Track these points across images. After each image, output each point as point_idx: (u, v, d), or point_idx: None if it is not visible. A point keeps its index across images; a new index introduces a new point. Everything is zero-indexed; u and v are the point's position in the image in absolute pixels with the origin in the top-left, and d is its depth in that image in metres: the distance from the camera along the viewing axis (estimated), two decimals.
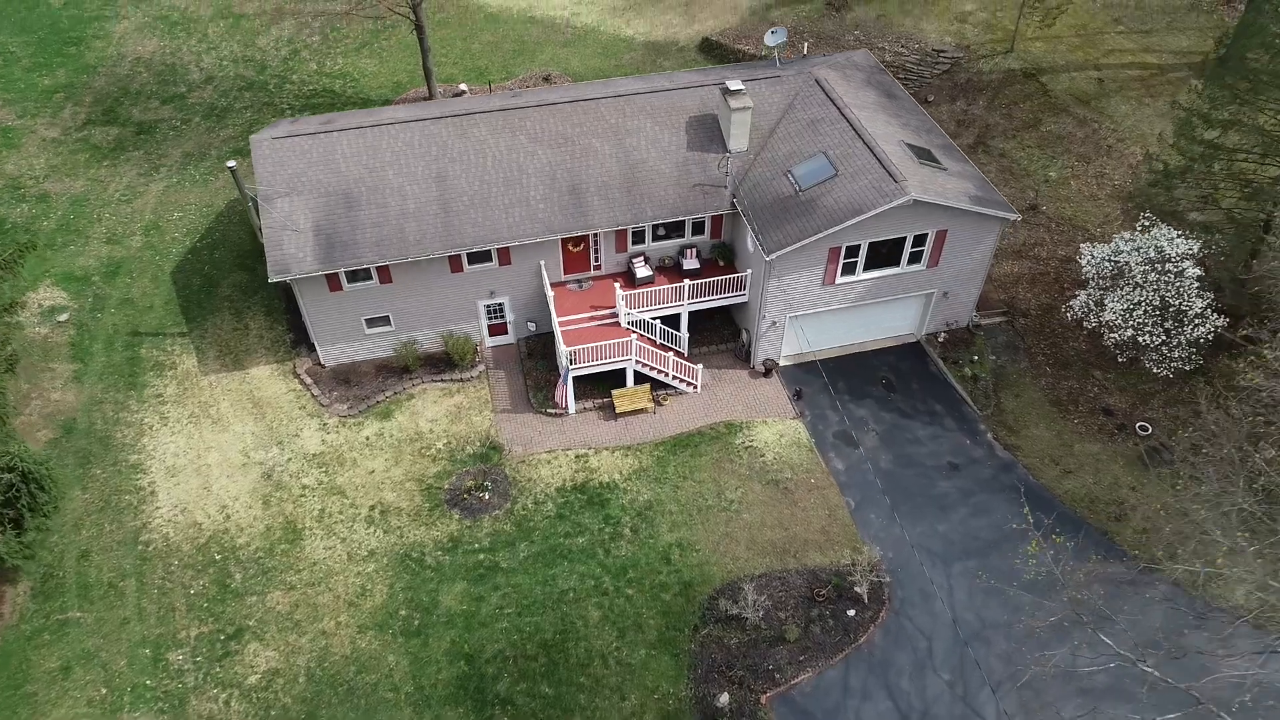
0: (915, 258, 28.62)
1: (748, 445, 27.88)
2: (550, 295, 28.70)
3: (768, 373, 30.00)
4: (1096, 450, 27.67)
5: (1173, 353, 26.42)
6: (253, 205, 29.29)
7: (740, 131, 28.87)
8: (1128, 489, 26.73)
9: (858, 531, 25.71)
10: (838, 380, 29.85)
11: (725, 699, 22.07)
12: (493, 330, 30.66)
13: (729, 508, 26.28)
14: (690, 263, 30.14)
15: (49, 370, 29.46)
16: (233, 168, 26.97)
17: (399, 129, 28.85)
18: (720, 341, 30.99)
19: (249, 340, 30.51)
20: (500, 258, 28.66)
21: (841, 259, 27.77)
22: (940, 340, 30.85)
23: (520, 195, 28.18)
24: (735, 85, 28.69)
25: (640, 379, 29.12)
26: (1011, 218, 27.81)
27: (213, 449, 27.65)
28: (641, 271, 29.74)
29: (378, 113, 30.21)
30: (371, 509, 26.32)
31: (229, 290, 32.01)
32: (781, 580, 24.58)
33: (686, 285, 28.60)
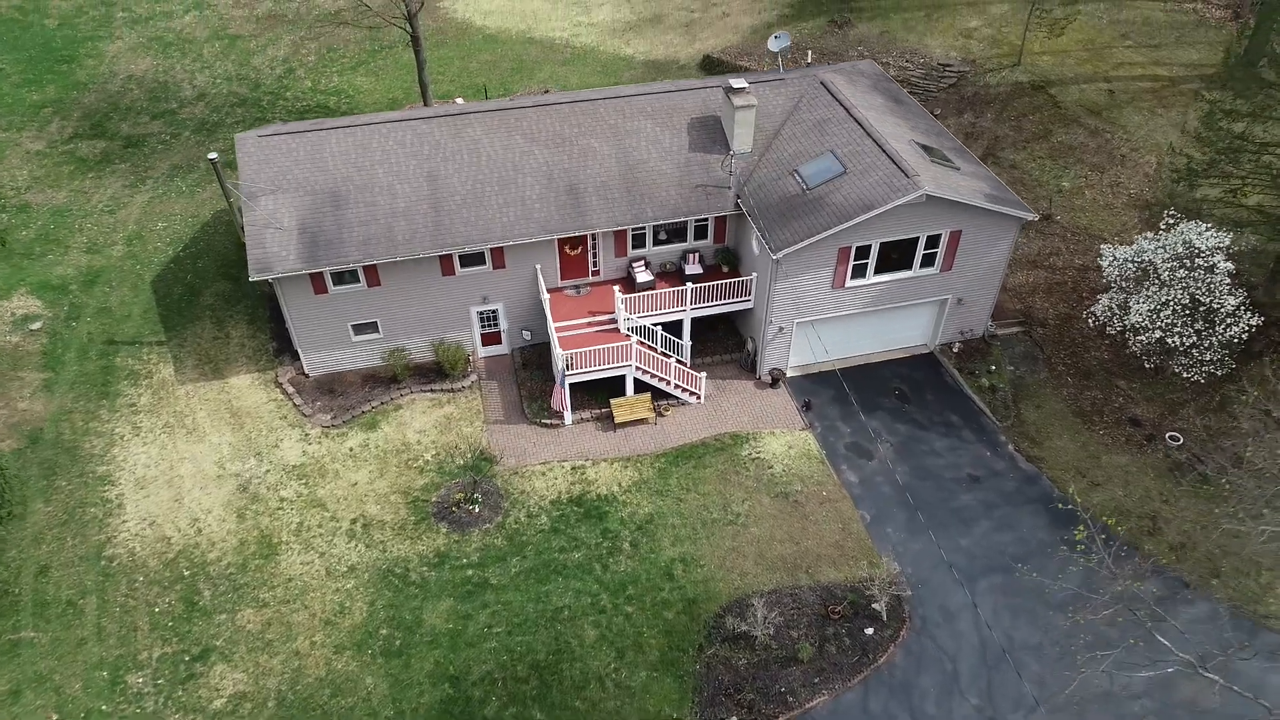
0: (928, 261, 27.34)
1: (754, 457, 26.27)
2: (545, 298, 27.35)
3: (775, 383, 28.51)
4: (1125, 462, 26.06)
5: (1204, 355, 24.97)
6: (236, 202, 28.06)
7: (744, 131, 27.81)
8: (1160, 502, 25.06)
9: (874, 546, 23.98)
10: (848, 391, 28.34)
11: None
12: (486, 339, 29.24)
13: (735, 521, 24.58)
14: (693, 268, 28.86)
15: (17, 379, 27.95)
16: (214, 160, 25.81)
17: (390, 128, 27.80)
18: (724, 352, 29.55)
19: (229, 349, 29.07)
20: (494, 260, 27.37)
21: (851, 260, 26.49)
22: (955, 351, 29.42)
23: (515, 195, 27.01)
24: (739, 83, 27.73)
25: (640, 388, 27.62)
26: (1029, 217, 26.61)
27: (186, 460, 26.02)
28: (642, 277, 28.43)
29: (370, 116, 29.20)
30: (353, 522, 24.60)
31: (211, 299, 30.67)
32: (793, 597, 22.78)
33: (689, 289, 27.27)
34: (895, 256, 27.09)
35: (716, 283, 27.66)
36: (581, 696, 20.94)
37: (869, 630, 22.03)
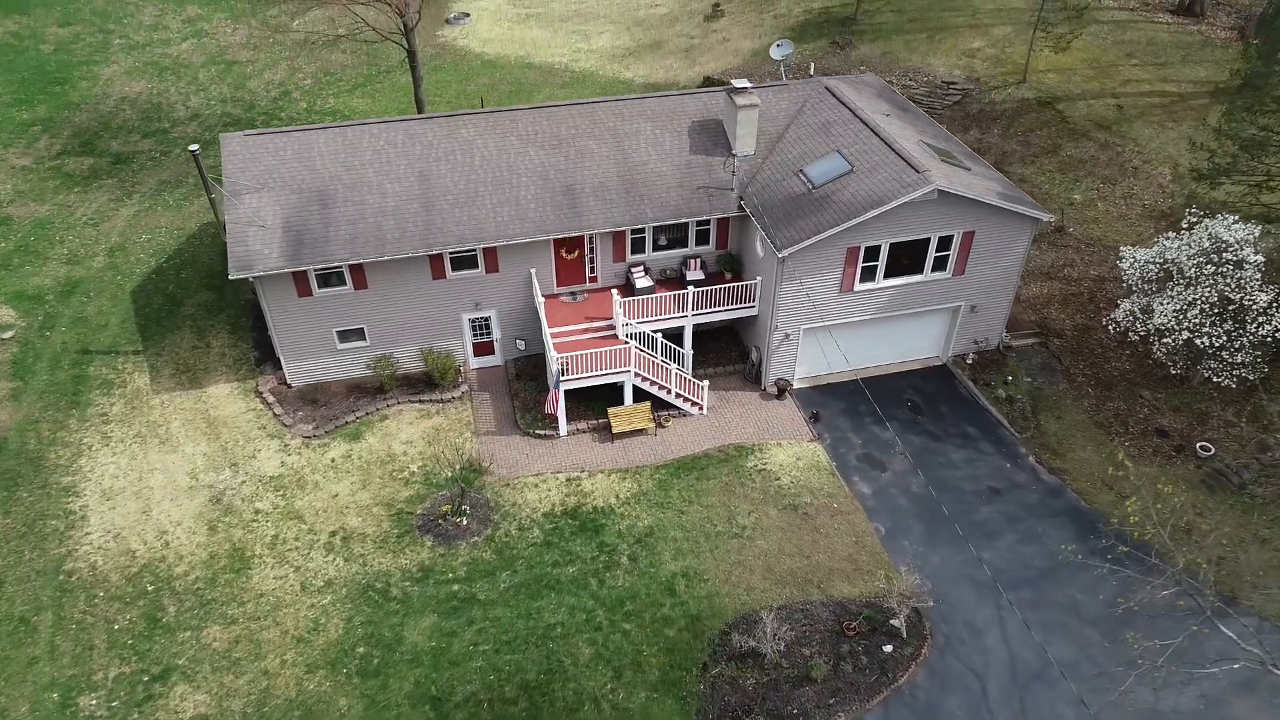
0: (940, 265, 26.19)
1: (760, 468, 24.75)
2: (540, 301, 26.12)
3: (781, 394, 27.11)
4: (1153, 474, 24.51)
5: (1234, 357, 23.63)
6: (217, 197, 26.83)
7: (747, 132, 26.90)
8: (1195, 514, 23.48)
9: (890, 559, 22.33)
10: (858, 403, 26.94)
11: None
12: (478, 350, 27.92)
13: (741, 534, 22.96)
14: (694, 274, 27.68)
15: None
16: (195, 151, 24.78)
17: (381, 128, 26.91)
18: (727, 363, 28.22)
19: (209, 358, 27.73)
20: (487, 264, 26.20)
21: (860, 262, 25.33)
22: (969, 363, 28.09)
23: (510, 195, 25.96)
24: (741, 84, 26.93)
25: (639, 397, 26.21)
26: (1044, 218, 25.55)
27: (157, 471, 24.48)
28: (641, 283, 27.24)
29: (361, 120, 28.32)
30: (332, 535, 22.98)
31: (192, 309, 29.43)
32: (804, 612, 21.06)
33: (691, 293, 26.06)
34: (905, 263, 25.98)
35: (719, 286, 26.45)
36: (575, 718, 19.11)
37: (887, 647, 20.27)
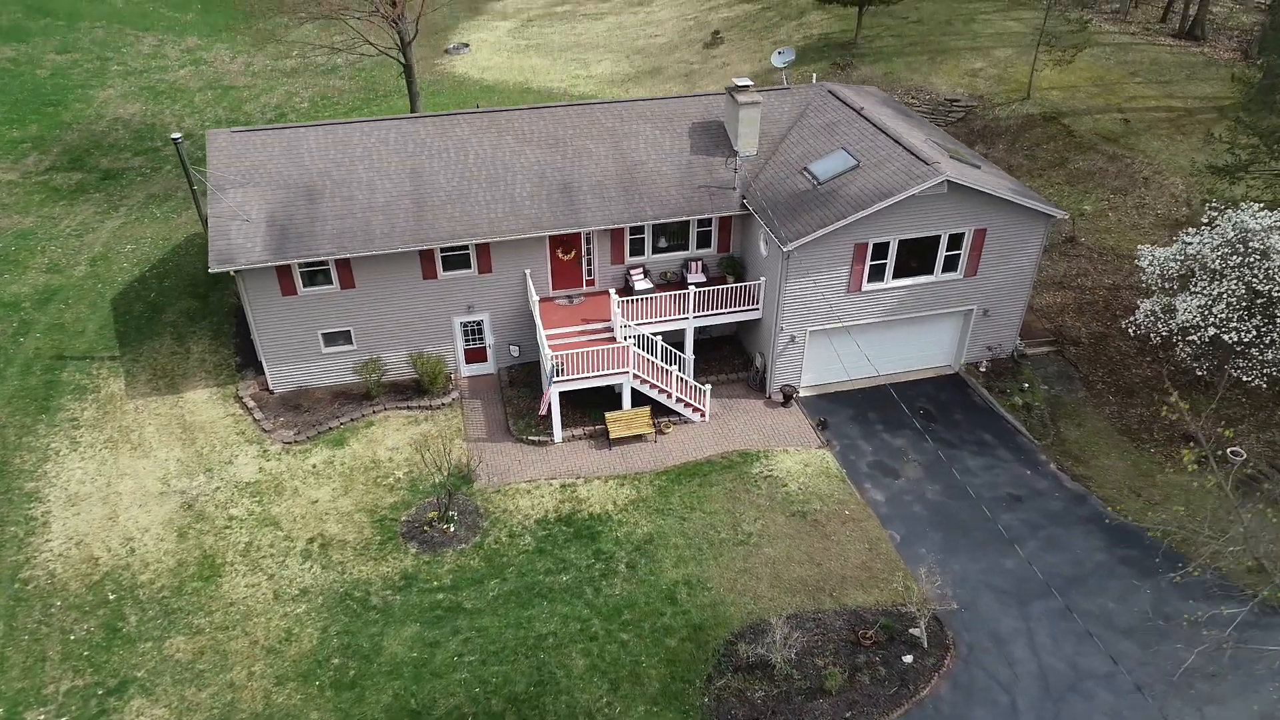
0: (951, 264, 25.19)
1: (766, 474, 23.39)
2: (534, 300, 25.04)
3: (786, 401, 25.86)
4: (1184, 480, 23.14)
5: (1264, 354, 22.46)
6: (200, 189, 25.86)
7: (749, 131, 26.15)
8: (1228, 521, 22.01)
9: (907, 567, 20.83)
10: (867, 410, 25.70)
11: None
12: (470, 356, 26.75)
13: (747, 541, 21.50)
14: (695, 277, 26.65)
15: None
16: (177, 139, 23.94)
17: (373, 126, 26.16)
18: (730, 371, 27.02)
19: (188, 364, 26.53)
20: (480, 264, 25.19)
21: (869, 260, 24.33)
22: (982, 371, 26.91)
23: (504, 192, 25.08)
24: (743, 82, 26.26)
25: (638, 401, 24.95)
26: (1058, 215, 24.61)
27: (127, 476, 23.10)
28: (640, 285, 26.21)
29: (352, 119, 27.62)
30: (309, 542, 21.51)
31: (174, 316, 28.33)
32: (816, 621, 19.51)
33: (693, 293, 25.00)
34: (914, 265, 24.99)
35: (722, 287, 25.39)
36: None
37: (907, 658, 18.68)
